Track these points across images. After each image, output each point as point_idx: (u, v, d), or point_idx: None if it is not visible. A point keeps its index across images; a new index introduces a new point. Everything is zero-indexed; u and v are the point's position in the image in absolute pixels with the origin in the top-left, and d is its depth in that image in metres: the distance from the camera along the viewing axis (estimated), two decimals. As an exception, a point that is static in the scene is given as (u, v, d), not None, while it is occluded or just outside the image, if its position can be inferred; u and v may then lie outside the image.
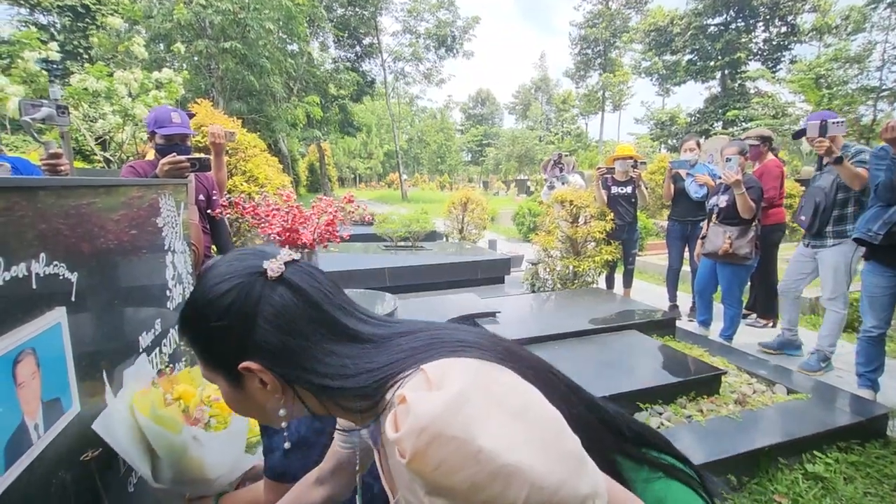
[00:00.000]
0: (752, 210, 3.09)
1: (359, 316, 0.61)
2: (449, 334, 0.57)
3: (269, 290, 0.56)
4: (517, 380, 0.51)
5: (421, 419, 0.43)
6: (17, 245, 0.80)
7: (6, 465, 0.72)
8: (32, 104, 1.81)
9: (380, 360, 0.54)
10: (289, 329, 0.55)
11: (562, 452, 0.46)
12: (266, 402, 0.58)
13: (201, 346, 0.59)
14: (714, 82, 27.93)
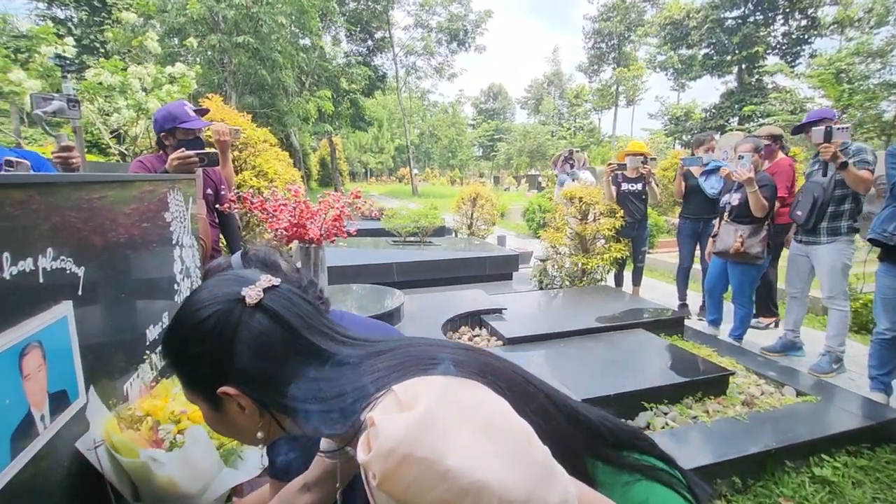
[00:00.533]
0: (764, 208, 3.05)
1: (337, 338, 0.62)
2: (423, 351, 0.57)
3: (248, 316, 0.57)
4: (485, 394, 0.52)
5: (389, 441, 0.44)
6: (25, 240, 0.82)
7: (12, 455, 0.74)
8: (44, 98, 1.85)
9: (354, 382, 0.55)
10: (266, 355, 0.57)
11: (529, 464, 0.46)
12: (245, 424, 0.60)
13: (182, 369, 0.61)
14: (730, 77, 27.40)
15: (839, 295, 2.94)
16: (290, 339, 0.58)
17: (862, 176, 2.72)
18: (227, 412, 0.60)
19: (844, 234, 2.89)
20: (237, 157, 3.33)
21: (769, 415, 2.27)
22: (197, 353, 0.58)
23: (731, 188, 3.33)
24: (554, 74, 50.68)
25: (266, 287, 0.60)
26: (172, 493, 0.89)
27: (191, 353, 0.58)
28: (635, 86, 36.78)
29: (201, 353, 0.57)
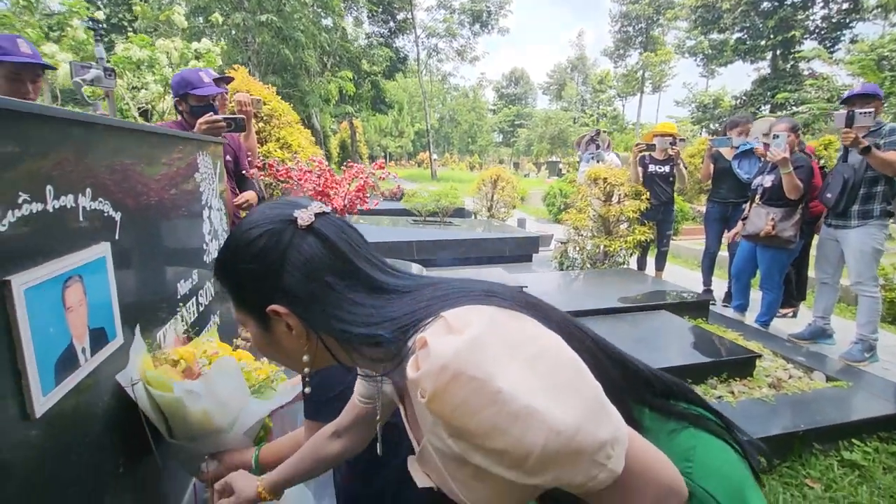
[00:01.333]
0: (799, 190, 2.94)
1: (385, 269, 0.62)
2: (472, 284, 0.57)
3: (299, 238, 0.57)
4: (537, 326, 0.51)
5: (440, 359, 0.44)
6: (66, 176, 0.83)
7: (56, 381, 0.76)
8: (82, 66, 1.88)
9: (403, 309, 0.55)
10: (315, 277, 0.56)
11: (580, 397, 0.45)
12: (292, 346, 0.60)
13: (233, 288, 0.61)
14: (764, 63, 26.37)
15: (868, 280, 2.84)
16: (339, 263, 0.58)
17: (888, 158, 2.60)
18: (275, 332, 0.60)
19: (876, 218, 2.78)
20: (262, 128, 3.35)
21: (797, 397, 2.22)
22: (247, 271, 0.57)
23: (765, 170, 3.21)
24: (578, 59, 49.54)
25: (318, 212, 0.60)
26: (207, 428, 0.90)
27: (242, 270, 0.58)
28: (662, 71, 35.74)
29: (252, 271, 0.57)
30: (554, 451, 0.43)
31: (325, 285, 0.56)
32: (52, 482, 0.75)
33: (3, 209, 0.67)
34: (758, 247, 3.24)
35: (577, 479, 0.44)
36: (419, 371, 0.45)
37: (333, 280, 0.57)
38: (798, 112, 16.86)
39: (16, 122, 0.70)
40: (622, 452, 0.45)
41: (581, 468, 0.44)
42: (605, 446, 0.44)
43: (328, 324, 0.56)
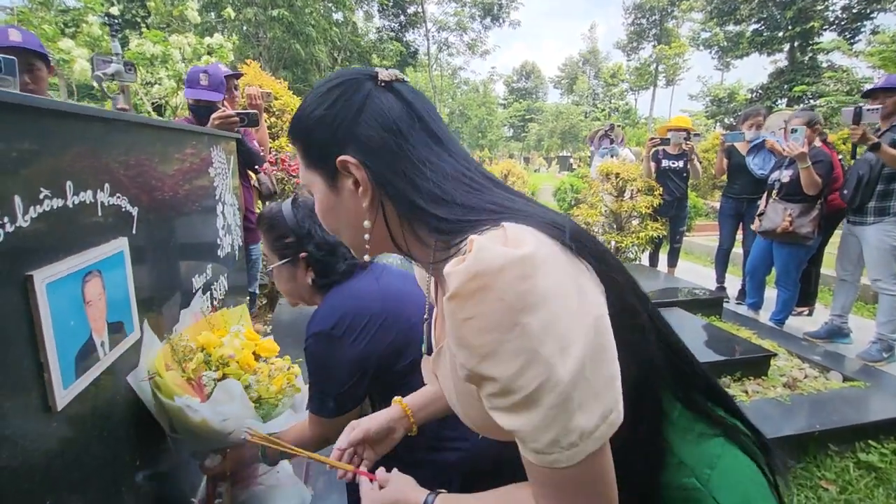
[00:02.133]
0: (817, 185, 2.88)
1: (460, 154, 0.58)
2: (546, 212, 0.53)
3: (378, 92, 0.55)
4: (590, 285, 0.46)
5: (479, 265, 0.41)
6: (85, 171, 0.84)
7: (77, 374, 0.77)
8: (103, 60, 1.90)
9: (472, 199, 0.52)
10: (391, 129, 0.53)
11: (591, 372, 0.42)
12: (355, 209, 0.57)
13: (304, 138, 0.58)
14: (781, 55, 25.81)
15: (887, 278, 2.78)
16: (416, 125, 0.55)
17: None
18: (341, 192, 0.57)
19: (893, 215, 2.71)
20: (274, 123, 3.36)
21: (813, 397, 2.18)
22: (322, 118, 0.55)
23: (782, 164, 3.15)
24: (590, 52, 48.97)
25: (398, 77, 0.57)
26: (205, 431, 0.91)
27: (316, 117, 0.56)
28: (676, 64, 35.18)
29: (327, 118, 0.55)
30: (535, 405, 0.41)
31: (399, 141, 0.53)
32: (72, 472, 0.77)
33: (25, 205, 0.68)
34: (774, 243, 3.19)
35: (535, 444, 0.43)
36: (457, 266, 0.43)
37: (407, 139, 0.54)
38: (816, 105, 16.52)
39: (35, 119, 0.71)
40: (587, 450, 0.42)
41: (545, 437, 0.42)
42: (574, 432, 0.42)
43: (396, 181, 0.53)
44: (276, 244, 1.09)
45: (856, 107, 2.62)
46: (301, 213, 1.08)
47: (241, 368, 1.00)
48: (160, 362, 0.95)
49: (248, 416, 0.94)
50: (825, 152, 3.06)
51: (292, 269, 1.09)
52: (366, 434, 0.83)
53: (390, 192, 0.54)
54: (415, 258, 0.61)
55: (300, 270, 1.08)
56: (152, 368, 0.92)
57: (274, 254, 1.10)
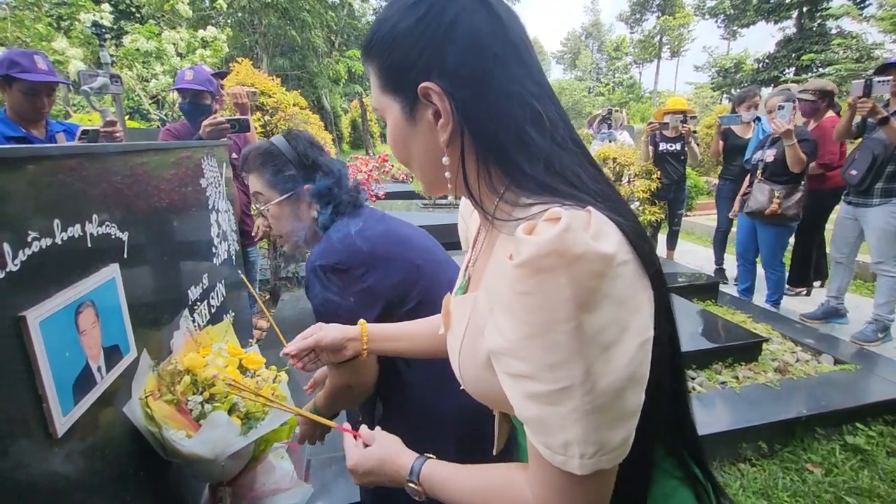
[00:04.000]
0: (803, 163, 2.87)
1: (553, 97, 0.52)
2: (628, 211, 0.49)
3: (472, 6, 0.48)
4: (648, 307, 0.44)
5: (560, 244, 0.38)
6: (72, 207, 0.88)
7: (75, 401, 0.83)
8: (90, 74, 1.94)
9: (558, 163, 0.47)
10: (485, 54, 0.47)
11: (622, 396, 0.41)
12: (432, 144, 0.51)
13: (381, 57, 0.52)
14: (789, 22, 25.06)
15: (889, 260, 2.78)
16: (510, 52, 0.48)
17: None
18: (418, 123, 0.52)
19: None
20: (268, 121, 3.37)
21: (803, 382, 2.22)
22: (407, 35, 0.48)
23: (766, 143, 3.13)
24: (592, 25, 47.84)
25: None
26: (196, 460, 0.97)
27: (402, 31, 0.49)
28: (681, 35, 34.32)
29: (411, 34, 0.48)
30: (558, 403, 0.40)
31: (493, 68, 0.47)
32: (76, 491, 0.83)
33: (14, 250, 0.72)
34: (757, 224, 3.20)
35: (547, 439, 0.42)
36: (531, 236, 0.40)
37: (503, 67, 0.47)
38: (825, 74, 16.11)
39: (18, 167, 0.75)
40: (602, 466, 0.42)
41: (557, 436, 0.41)
42: (593, 445, 0.41)
43: (482, 119, 0.48)
44: (275, 178, 1.03)
45: (866, 79, 2.58)
46: (301, 144, 1.04)
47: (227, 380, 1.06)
48: (149, 388, 1.00)
49: (234, 440, 0.99)
50: (807, 131, 3.04)
51: (295, 204, 1.03)
52: (317, 343, 0.87)
53: (473, 129, 0.48)
54: (482, 206, 0.54)
55: (303, 205, 1.03)
56: (142, 395, 0.98)
57: (273, 189, 1.03)
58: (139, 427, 1.00)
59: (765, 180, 3.07)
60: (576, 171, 0.48)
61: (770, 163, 3.04)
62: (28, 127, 1.92)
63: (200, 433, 1.00)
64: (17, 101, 1.83)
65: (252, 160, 1.05)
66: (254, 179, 1.06)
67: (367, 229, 0.98)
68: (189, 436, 1.00)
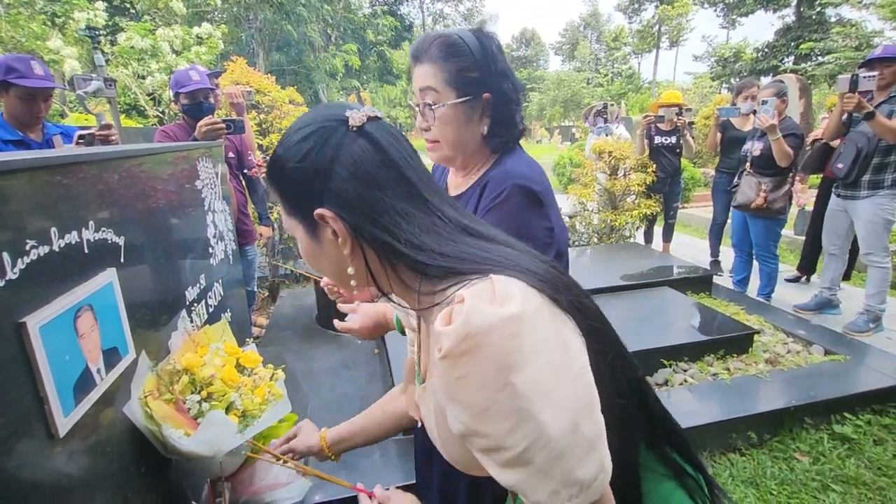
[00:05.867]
0: (789, 157, 2.90)
1: (438, 190, 0.58)
2: (527, 261, 0.53)
3: (350, 139, 0.54)
4: (572, 335, 0.48)
5: (471, 326, 0.43)
6: (68, 214, 0.90)
7: (76, 403, 0.86)
8: (83, 79, 1.96)
9: (451, 249, 0.53)
10: (365, 179, 0.54)
11: (580, 427, 0.44)
12: (337, 257, 0.57)
13: (282, 190, 0.59)
14: (788, 10, 24.87)
15: (878, 251, 2.81)
16: (390, 171, 0.55)
17: (891, 125, 2.55)
18: (322, 241, 0.58)
19: (887, 188, 2.73)
20: (263, 119, 3.38)
21: (792, 373, 2.26)
22: (297, 171, 0.55)
23: (754, 136, 3.15)
24: (591, 16, 47.48)
25: (371, 115, 0.57)
26: (195, 458, 1.01)
27: (291, 169, 0.56)
28: (680, 25, 34.06)
29: (301, 171, 0.55)
30: (529, 462, 0.43)
31: (374, 190, 0.54)
32: (79, 488, 0.86)
33: (13, 258, 0.75)
34: (748, 217, 3.23)
35: (536, 496, 0.45)
36: (447, 326, 0.45)
37: (383, 186, 0.54)
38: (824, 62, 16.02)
39: (15, 176, 0.77)
40: (589, 500, 0.45)
41: (542, 490, 0.44)
42: (576, 485, 0.44)
43: (374, 232, 0.54)
44: (458, 76, 0.89)
45: (852, 74, 2.60)
46: (493, 45, 0.91)
47: (225, 385, 1.09)
48: (148, 388, 1.03)
49: (232, 438, 1.03)
50: (796, 124, 3.06)
51: (469, 111, 0.91)
52: (292, 450, 0.99)
53: (369, 242, 0.55)
54: (397, 302, 0.61)
55: (476, 115, 0.92)
56: (142, 395, 1.01)
57: (450, 88, 0.89)
58: (139, 426, 1.03)
59: (752, 173, 3.10)
60: (470, 249, 0.53)
61: (757, 156, 3.06)
62: (25, 130, 1.94)
63: (198, 431, 1.03)
64: (14, 105, 1.85)
65: (434, 49, 0.89)
66: (428, 71, 0.90)
67: (536, 165, 0.93)
68: (188, 434, 1.03)
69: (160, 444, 1.04)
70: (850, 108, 2.61)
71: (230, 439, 1.08)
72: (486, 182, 0.92)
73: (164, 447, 1.05)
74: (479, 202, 0.91)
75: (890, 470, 1.84)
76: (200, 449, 1.02)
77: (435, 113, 0.91)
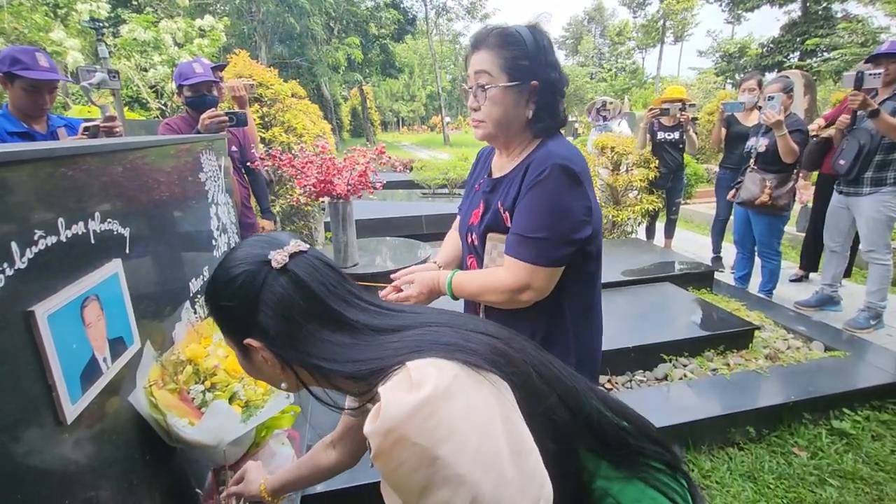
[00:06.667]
0: (795, 154, 2.88)
1: (360, 305, 0.65)
2: (443, 334, 0.59)
3: (273, 278, 0.62)
4: (491, 394, 0.53)
5: (389, 421, 0.48)
6: (75, 205, 0.91)
7: (83, 390, 0.87)
8: (88, 70, 1.96)
9: (369, 353, 0.59)
10: (287, 316, 0.61)
11: (511, 473, 0.49)
12: (270, 375, 0.67)
13: (216, 318, 0.69)
14: (794, 6, 24.66)
15: (880, 248, 2.81)
16: (311, 304, 0.62)
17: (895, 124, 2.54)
18: (254, 361, 0.67)
19: (890, 185, 2.72)
20: (266, 112, 3.39)
21: (792, 369, 2.27)
22: (227, 306, 0.64)
23: (759, 132, 3.14)
24: (595, 10, 47.15)
25: (293, 252, 0.64)
26: (199, 447, 1.02)
27: (222, 305, 0.65)
28: (685, 20, 33.83)
29: (231, 307, 0.64)
30: None
31: (295, 323, 0.61)
32: (86, 474, 0.88)
33: (22, 247, 0.76)
34: (751, 213, 3.23)
35: None
36: (371, 427, 0.50)
37: (304, 319, 0.61)
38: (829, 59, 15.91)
39: (22, 167, 0.78)
40: None
41: None
42: None
43: (300, 358, 0.62)
44: (511, 62, 0.98)
45: (857, 71, 2.59)
46: (544, 39, 1.01)
47: (229, 375, 1.10)
48: (153, 378, 1.04)
49: (235, 427, 1.04)
50: (801, 120, 3.05)
51: (518, 95, 0.99)
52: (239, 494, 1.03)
53: (298, 363, 0.63)
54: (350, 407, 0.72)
55: (524, 99, 1.00)
56: (147, 385, 1.02)
57: (503, 72, 0.98)
58: (144, 415, 1.04)
59: (757, 169, 3.09)
60: (387, 347, 0.58)
61: (762, 152, 3.05)
62: (30, 122, 1.94)
63: (202, 421, 1.05)
64: (19, 97, 1.85)
65: (492, 38, 0.99)
66: (484, 56, 0.99)
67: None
68: (192, 423, 1.05)
69: (165, 433, 1.06)
70: (855, 106, 2.60)
71: (234, 428, 1.09)
72: (530, 163, 1.00)
73: (169, 436, 1.07)
74: (523, 181, 0.99)
75: (887, 465, 1.85)
76: (204, 438, 1.04)
77: (487, 93, 0.99)
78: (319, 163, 2.43)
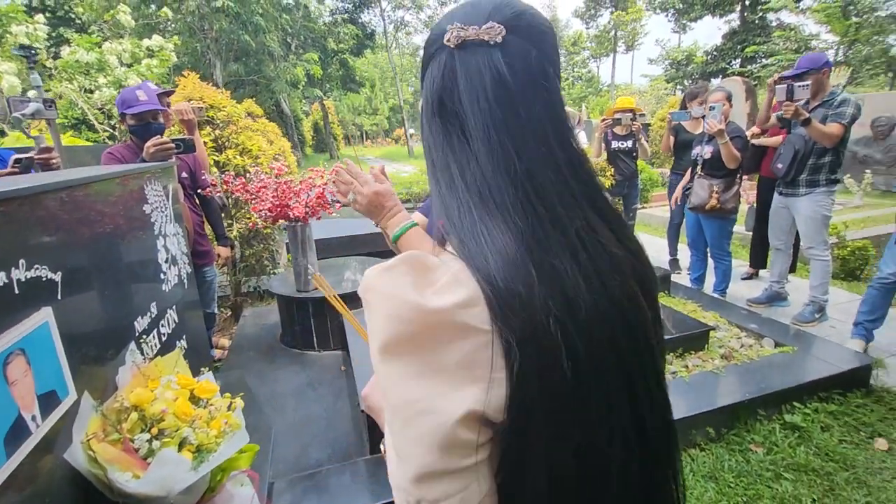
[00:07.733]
0: (737, 160, 3.07)
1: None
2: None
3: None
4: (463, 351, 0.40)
5: (373, 282, 0.43)
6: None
7: (7, 455, 0.81)
8: (21, 100, 1.85)
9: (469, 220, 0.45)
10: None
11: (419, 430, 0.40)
12: None
13: None
14: (733, 15, 26.19)
15: (819, 244, 3.00)
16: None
17: (825, 131, 2.77)
18: None
19: (823, 186, 2.92)
20: (219, 135, 3.30)
21: (746, 367, 2.36)
22: None
23: (703, 140, 3.31)
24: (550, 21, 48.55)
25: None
26: (146, 498, 0.97)
27: None
28: (634, 30, 35.33)
29: None
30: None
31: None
32: (14, 546, 0.81)
33: (-69, 308, 0.71)
34: (701, 218, 3.38)
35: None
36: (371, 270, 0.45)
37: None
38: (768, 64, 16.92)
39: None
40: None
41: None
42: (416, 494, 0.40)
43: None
44: None
45: (788, 84, 2.78)
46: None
47: (178, 419, 1.05)
48: (92, 430, 0.99)
49: (186, 476, 0.99)
50: (741, 129, 3.24)
51: None
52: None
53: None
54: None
55: None
56: (84, 438, 0.96)
57: None
58: (82, 471, 0.98)
59: (704, 175, 3.25)
60: (487, 229, 0.44)
61: (708, 159, 3.21)
62: (-46, 156, 1.82)
63: (149, 472, 0.99)
64: None
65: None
66: None
67: None
68: (136, 476, 0.99)
69: (106, 489, 1.00)
70: (789, 116, 2.78)
71: (184, 477, 1.04)
72: None
73: (111, 491, 1.00)
74: None
75: (836, 455, 1.95)
76: (151, 490, 0.99)
77: None
78: (275, 186, 2.38)
